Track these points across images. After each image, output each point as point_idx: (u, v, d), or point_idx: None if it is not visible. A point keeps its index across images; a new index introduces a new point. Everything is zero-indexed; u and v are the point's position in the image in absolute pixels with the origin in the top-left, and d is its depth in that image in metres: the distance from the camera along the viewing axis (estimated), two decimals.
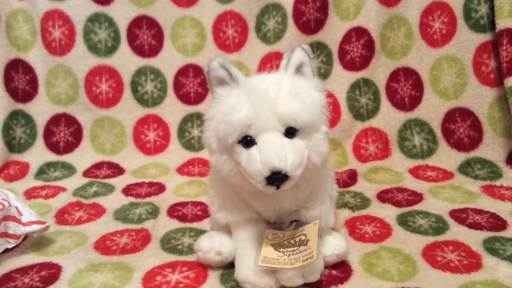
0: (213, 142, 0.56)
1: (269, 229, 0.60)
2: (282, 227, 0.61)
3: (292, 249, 0.56)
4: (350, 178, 0.94)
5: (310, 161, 0.54)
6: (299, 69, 0.58)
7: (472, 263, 0.61)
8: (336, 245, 0.61)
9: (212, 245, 0.61)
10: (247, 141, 0.53)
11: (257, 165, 0.51)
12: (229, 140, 0.53)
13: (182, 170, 1.04)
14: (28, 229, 0.68)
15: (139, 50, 1.11)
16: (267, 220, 0.62)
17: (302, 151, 0.53)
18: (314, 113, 0.54)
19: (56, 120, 1.10)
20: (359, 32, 1.06)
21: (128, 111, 1.11)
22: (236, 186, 0.58)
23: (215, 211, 0.64)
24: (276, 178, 0.50)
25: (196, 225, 0.77)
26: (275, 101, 0.53)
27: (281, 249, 0.57)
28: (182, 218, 0.80)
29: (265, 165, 0.50)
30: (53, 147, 1.09)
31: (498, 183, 0.88)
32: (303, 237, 0.57)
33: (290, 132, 0.53)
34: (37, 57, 1.09)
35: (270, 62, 1.09)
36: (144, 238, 0.72)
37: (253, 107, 0.53)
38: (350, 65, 1.08)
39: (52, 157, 1.08)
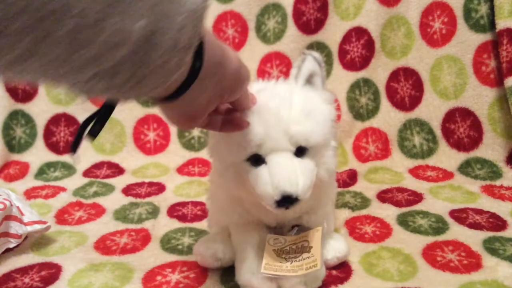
0: (218, 157, 0.55)
1: (270, 234, 0.60)
2: (282, 231, 0.60)
3: (294, 255, 0.55)
4: (350, 178, 0.94)
5: (318, 177, 0.53)
6: (309, 80, 0.56)
7: (472, 263, 0.61)
8: (337, 247, 0.61)
9: (211, 251, 0.60)
10: (256, 159, 0.51)
11: (268, 188, 0.49)
12: (237, 159, 0.52)
13: (182, 170, 1.03)
14: (29, 228, 0.68)
15: None
16: (268, 224, 0.61)
17: (312, 172, 0.51)
18: (326, 132, 0.53)
19: (56, 120, 1.10)
20: (359, 32, 1.06)
21: (128, 111, 1.11)
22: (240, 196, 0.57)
23: (214, 213, 0.63)
24: (287, 201, 0.49)
25: (196, 225, 0.77)
26: (287, 121, 0.50)
27: (283, 255, 0.55)
28: (182, 218, 0.80)
29: (276, 189, 0.48)
30: (53, 147, 1.09)
31: (498, 183, 0.88)
32: (305, 243, 0.56)
33: (300, 151, 0.51)
34: None
35: (270, 62, 1.09)
36: (144, 238, 0.72)
37: (263, 126, 0.50)
38: (350, 65, 1.08)
39: (52, 157, 1.08)
